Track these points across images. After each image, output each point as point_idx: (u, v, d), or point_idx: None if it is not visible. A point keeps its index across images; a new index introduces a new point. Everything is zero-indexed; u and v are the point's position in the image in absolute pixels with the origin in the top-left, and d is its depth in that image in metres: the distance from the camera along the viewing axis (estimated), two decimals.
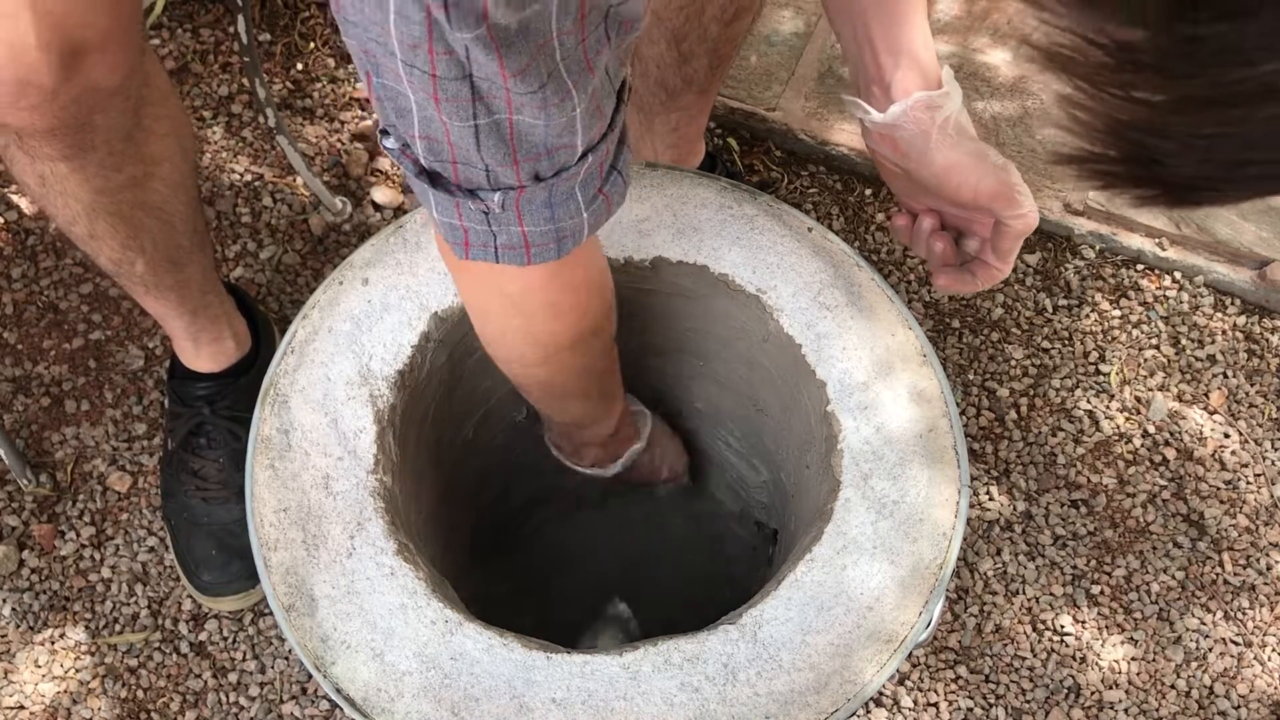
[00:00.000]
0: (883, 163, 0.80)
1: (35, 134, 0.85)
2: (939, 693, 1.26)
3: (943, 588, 0.79)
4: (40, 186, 0.92)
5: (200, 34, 1.58)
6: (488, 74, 0.53)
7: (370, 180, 1.51)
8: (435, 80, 0.53)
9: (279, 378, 0.84)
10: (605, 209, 0.67)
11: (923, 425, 0.84)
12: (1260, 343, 1.47)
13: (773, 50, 1.60)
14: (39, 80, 0.79)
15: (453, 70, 0.52)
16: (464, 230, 0.65)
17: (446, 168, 0.60)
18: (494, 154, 0.58)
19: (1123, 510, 1.37)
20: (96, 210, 0.95)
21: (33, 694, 1.22)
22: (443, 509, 1.03)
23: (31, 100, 0.80)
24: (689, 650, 0.76)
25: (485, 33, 0.50)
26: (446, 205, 0.63)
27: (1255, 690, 1.29)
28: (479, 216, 0.63)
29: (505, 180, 0.60)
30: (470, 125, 0.56)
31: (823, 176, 1.55)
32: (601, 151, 0.63)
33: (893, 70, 0.74)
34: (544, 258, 0.67)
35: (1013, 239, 0.75)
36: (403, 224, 0.90)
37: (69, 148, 0.87)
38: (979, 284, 0.79)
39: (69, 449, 1.34)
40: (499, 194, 0.61)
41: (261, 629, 1.26)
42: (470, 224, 0.64)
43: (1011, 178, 0.73)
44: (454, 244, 0.66)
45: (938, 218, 0.81)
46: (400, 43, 0.51)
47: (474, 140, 0.57)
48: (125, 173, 0.94)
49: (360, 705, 0.74)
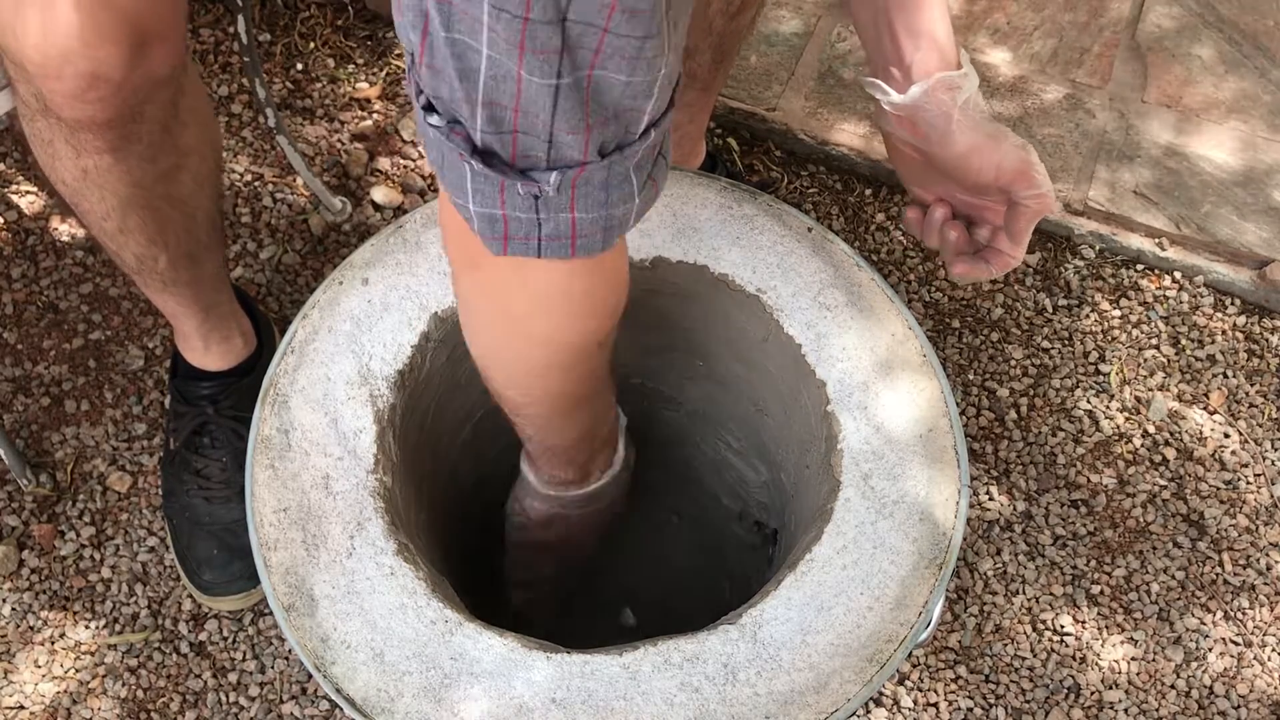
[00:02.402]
0: (898, 147, 0.80)
1: (92, 126, 0.85)
2: (939, 693, 1.26)
3: (943, 588, 0.79)
4: (79, 180, 0.93)
5: (200, 34, 1.58)
6: (588, 11, 0.48)
7: (370, 180, 1.51)
8: (526, 24, 0.48)
9: (279, 378, 0.84)
10: (654, 193, 0.63)
11: (923, 425, 0.84)
12: (1260, 343, 1.47)
13: (773, 50, 1.60)
14: (110, 74, 0.80)
15: (548, 11, 0.48)
16: (504, 220, 0.59)
17: (505, 141, 0.55)
18: (568, 118, 0.53)
19: (1123, 510, 1.37)
20: (131, 204, 0.96)
21: (33, 694, 1.22)
22: (443, 509, 1.03)
23: (100, 92, 0.81)
24: (689, 650, 0.76)
25: None
26: (489, 191, 0.58)
27: (1255, 690, 1.29)
28: (527, 203, 0.58)
29: (569, 153, 0.56)
30: (550, 85, 0.51)
31: (823, 176, 1.55)
32: (663, 127, 0.59)
33: (913, 52, 0.74)
34: (588, 250, 0.62)
35: (1028, 220, 0.75)
36: (403, 224, 0.90)
37: (118, 138, 0.88)
38: (993, 270, 0.79)
39: (69, 449, 1.34)
40: (556, 174, 0.56)
41: (261, 629, 1.26)
42: (513, 212, 0.59)
43: (1031, 157, 0.73)
44: (491, 237, 0.61)
45: (949, 208, 0.81)
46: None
47: (550, 101, 0.52)
48: (160, 164, 0.95)
49: (360, 705, 0.74)
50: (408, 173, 1.52)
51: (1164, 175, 1.53)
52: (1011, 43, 1.62)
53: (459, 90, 0.53)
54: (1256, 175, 1.53)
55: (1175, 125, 1.57)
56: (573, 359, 0.74)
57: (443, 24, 0.50)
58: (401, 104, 1.57)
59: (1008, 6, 1.65)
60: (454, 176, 0.58)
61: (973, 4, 1.64)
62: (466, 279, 0.71)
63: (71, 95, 0.81)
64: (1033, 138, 1.54)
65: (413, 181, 1.51)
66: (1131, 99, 1.59)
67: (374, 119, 1.55)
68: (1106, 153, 1.54)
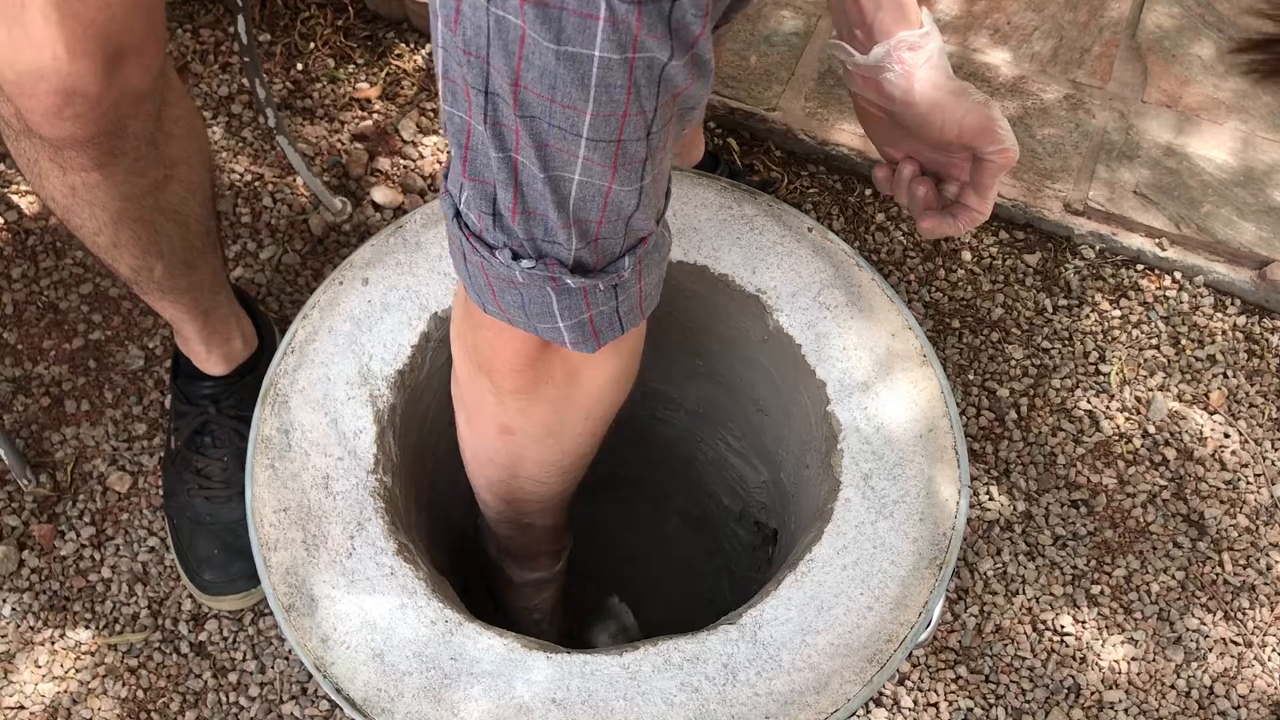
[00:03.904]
0: (865, 108, 0.81)
1: (74, 144, 0.85)
2: (939, 693, 1.26)
3: (943, 588, 0.79)
4: (69, 198, 0.92)
5: (200, 34, 1.58)
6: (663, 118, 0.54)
7: (370, 180, 1.51)
8: (619, 145, 0.53)
9: (279, 378, 0.84)
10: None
11: (923, 425, 0.84)
12: (1260, 343, 1.47)
13: (773, 50, 1.60)
14: (85, 89, 0.79)
15: (638, 130, 0.53)
16: (591, 321, 0.64)
17: (590, 250, 0.59)
18: (645, 209, 0.59)
19: (1123, 510, 1.37)
20: (122, 218, 0.95)
21: (33, 694, 1.22)
22: (442, 509, 1.03)
23: (77, 109, 0.80)
24: (689, 650, 0.76)
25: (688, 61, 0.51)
26: (576, 303, 0.62)
27: (1255, 690, 1.29)
28: (607, 295, 0.63)
29: (641, 230, 0.61)
30: (636, 188, 0.57)
31: (823, 176, 1.55)
32: None
33: (874, 12, 0.75)
34: (652, 305, 0.68)
35: (992, 175, 0.76)
36: (403, 224, 0.90)
37: (103, 154, 0.87)
38: (960, 226, 0.79)
39: (69, 449, 1.34)
40: (629, 257, 0.61)
41: (261, 629, 1.26)
42: (597, 309, 0.63)
43: (993, 112, 0.74)
44: (582, 343, 0.65)
45: (917, 165, 0.82)
46: (595, 115, 0.51)
47: (635, 201, 0.57)
48: (149, 177, 0.94)
49: (360, 705, 0.74)
50: (408, 173, 1.52)
51: (1164, 175, 1.53)
52: (1012, 43, 1.62)
53: (555, 219, 0.57)
54: (1256, 175, 1.53)
55: (1175, 125, 1.57)
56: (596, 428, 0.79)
57: (540, 167, 0.54)
58: (401, 104, 1.57)
59: (1008, 6, 1.65)
60: (537, 308, 0.62)
61: (973, 4, 1.64)
62: (521, 400, 0.73)
63: (49, 113, 0.80)
64: (1033, 138, 1.54)
65: (413, 181, 1.51)
66: (1131, 99, 1.59)
67: (374, 119, 1.55)
68: (1106, 153, 1.54)
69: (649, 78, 0.51)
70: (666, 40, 0.49)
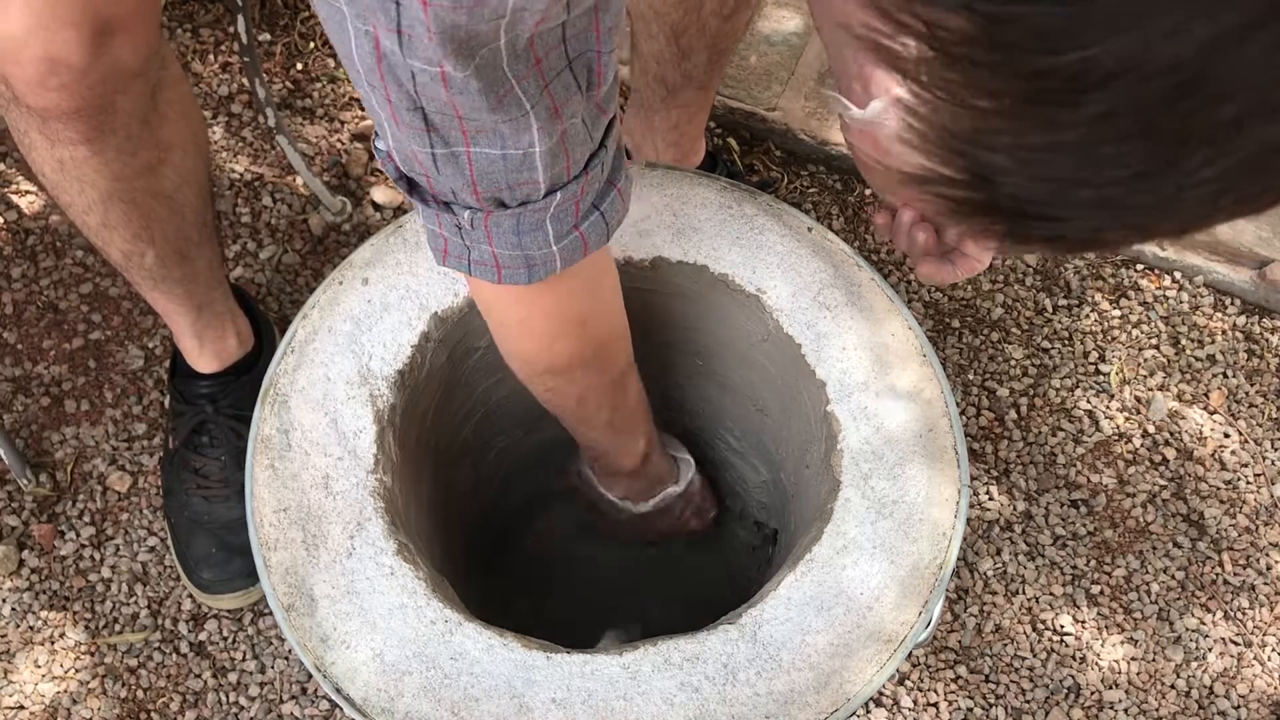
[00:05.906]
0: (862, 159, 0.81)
1: (60, 115, 0.85)
2: (939, 693, 1.26)
3: (943, 588, 0.79)
4: (58, 173, 0.93)
5: (200, 34, 1.58)
6: (438, 106, 0.55)
7: (370, 180, 1.51)
8: (391, 105, 0.55)
9: (279, 377, 0.84)
10: (580, 247, 0.69)
11: (923, 425, 0.84)
12: (1260, 343, 1.47)
13: (773, 50, 1.60)
14: (69, 59, 0.80)
15: (404, 100, 0.54)
16: (443, 238, 0.67)
17: (421, 179, 0.63)
18: (453, 180, 0.60)
19: (1123, 510, 1.37)
20: (112, 198, 0.96)
21: (32, 694, 1.22)
22: (442, 509, 1.03)
23: (61, 79, 0.81)
24: (689, 650, 0.76)
25: (438, 70, 0.52)
26: (428, 212, 0.66)
27: (1255, 690, 1.29)
28: (454, 229, 0.66)
29: (469, 202, 0.63)
30: (428, 152, 0.58)
31: (823, 176, 1.55)
32: (574, 190, 0.64)
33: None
34: (515, 280, 0.69)
35: None
36: (402, 224, 0.90)
37: (91, 130, 0.88)
38: (959, 274, 0.79)
39: (69, 449, 1.34)
40: (468, 212, 0.63)
41: (261, 629, 1.26)
42: (447, 234, 0.67)
43: None
44: (434, 250, 0.69)
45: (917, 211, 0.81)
46: (361, 63, 0.54)
47: (433, 165, 0.59)
48: (141, 158, 0.94)
49: (360, 705, 0.74)
50: None
51: None
52: None
53: (378, 132, 0.62)
54: None
55: None
56: (530, 372, 0.82)
57: (354, 82, 0.58)
58: None
59: None
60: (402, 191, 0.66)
61: None
62: None
63: (33, 81, 0.81)
64: None
65: None
66: None
67: None
68: None
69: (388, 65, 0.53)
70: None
